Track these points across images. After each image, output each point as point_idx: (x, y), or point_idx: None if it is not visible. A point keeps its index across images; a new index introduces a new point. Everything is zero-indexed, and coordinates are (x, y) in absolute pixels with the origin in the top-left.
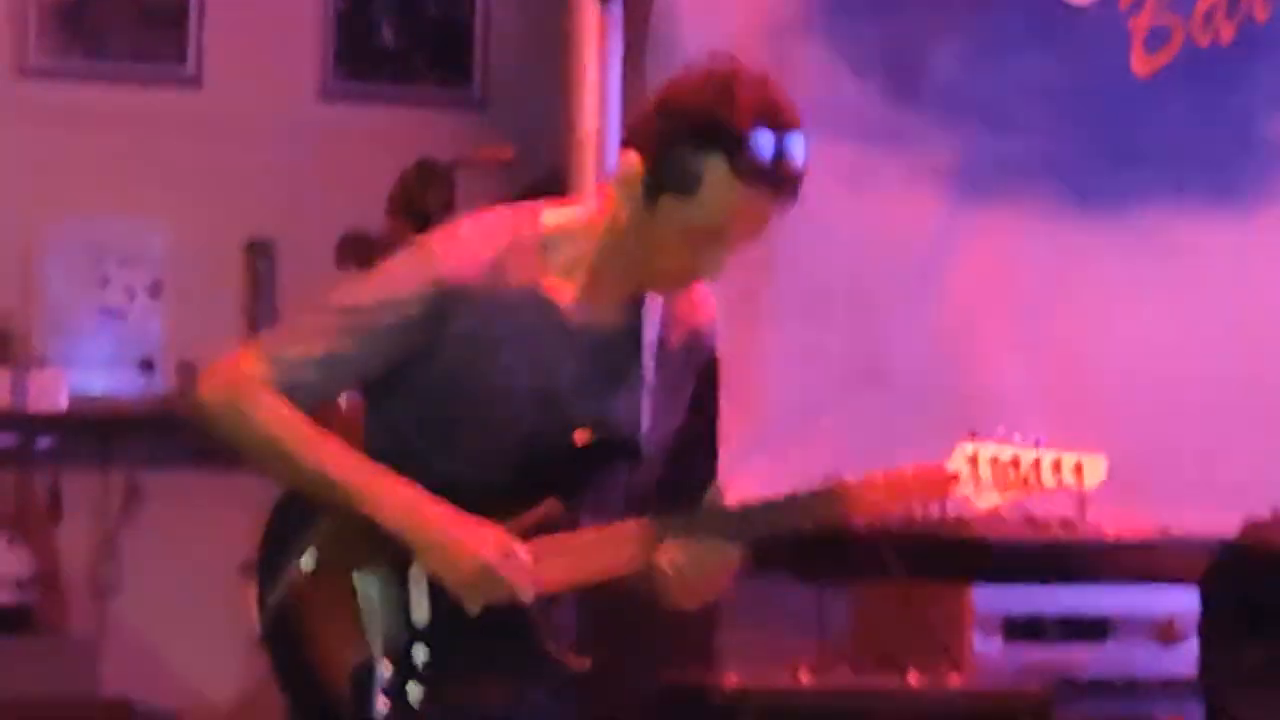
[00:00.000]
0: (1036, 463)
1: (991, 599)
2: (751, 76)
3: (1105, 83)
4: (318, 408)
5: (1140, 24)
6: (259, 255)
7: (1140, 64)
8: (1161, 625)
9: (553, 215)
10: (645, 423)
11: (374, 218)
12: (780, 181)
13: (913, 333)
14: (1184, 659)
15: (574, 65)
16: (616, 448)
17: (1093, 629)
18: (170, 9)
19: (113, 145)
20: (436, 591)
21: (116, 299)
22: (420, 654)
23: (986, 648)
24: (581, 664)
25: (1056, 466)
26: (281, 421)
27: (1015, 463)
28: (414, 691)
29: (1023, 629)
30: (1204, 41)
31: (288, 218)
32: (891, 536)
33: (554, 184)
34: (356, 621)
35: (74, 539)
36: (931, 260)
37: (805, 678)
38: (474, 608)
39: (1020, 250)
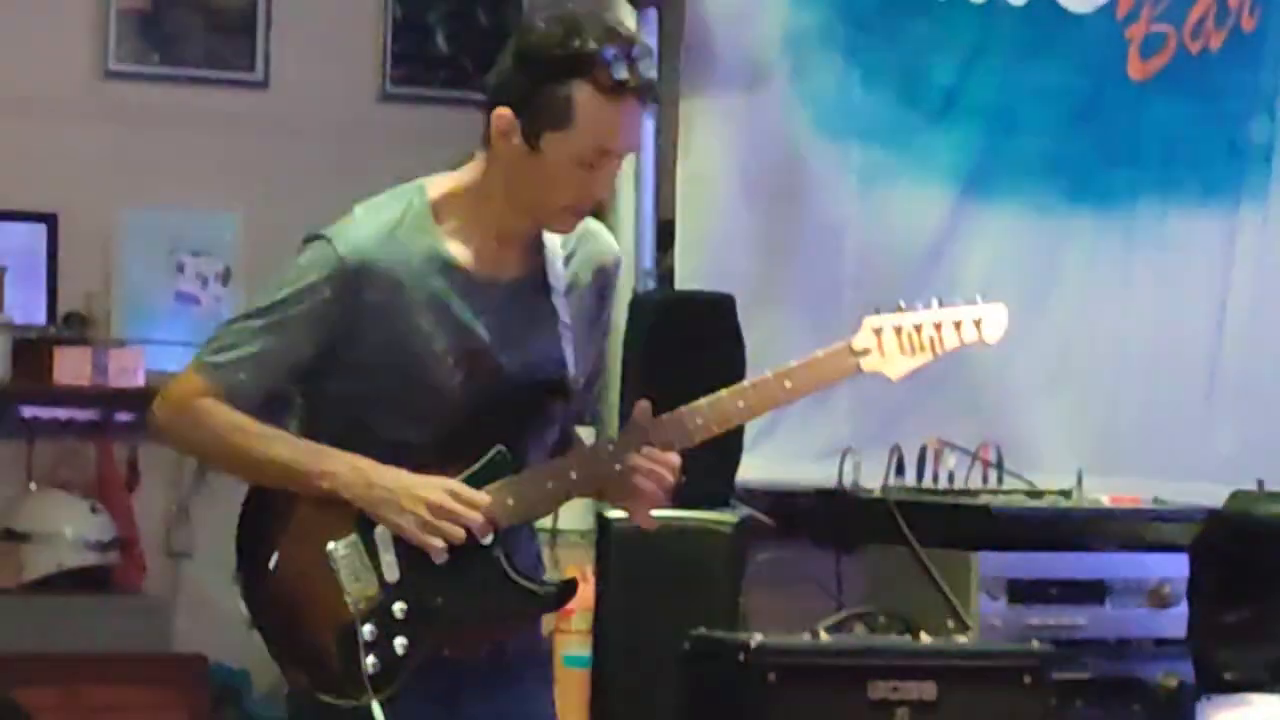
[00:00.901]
0: (938, 325)
1: (996, 564)
2: (587, 12)
3: (1102, 87)
4: (260, 404)
5: (1136, 32)
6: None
7: (1136, 69)
8: (1154, 589)
9: (434, 186)
10: (569, 359)
11: None
12: (640, 88)
13: None
14: (1175, 621)
15: None
16: (547, 388)
17: (1090, 592)
18: (240, 18)
19: (187, 142)
20: (403, 549)
21: (190, 285)
22: (399, 609)
23: (991, 609)
24: (550, 591)
25: (958, 325)
26: (228, 425)
27: (918, 329)
28: (399, 644)
29: (1025, 592)
30: (1195, 48)
31: (348, 209)
32: (905, 507)
33: None
34: (336, 590)
35: (150, 506)
36: (936, 253)
37: (824, 636)
38: (439, 554)
39: (1020, 244)
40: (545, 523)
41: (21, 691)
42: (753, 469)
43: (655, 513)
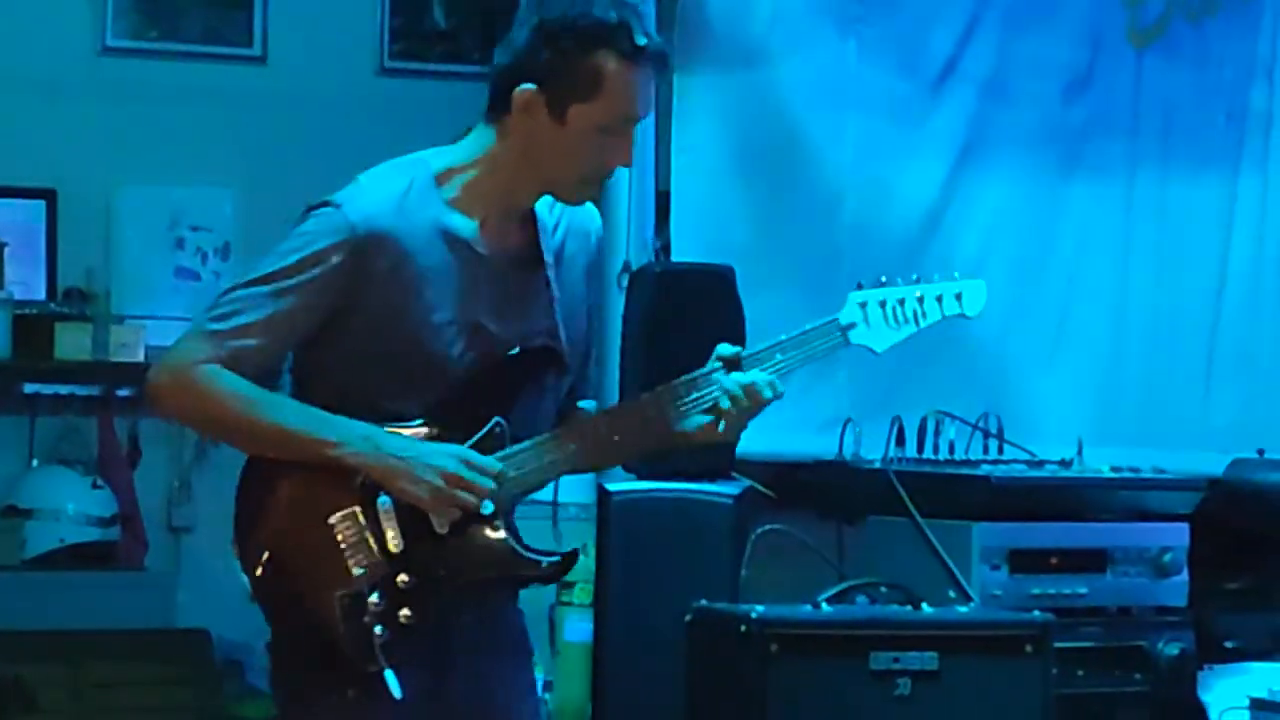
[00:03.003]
0: (921, 299)
1: (997, 534)
2: None
3: (1101, 55)
4: (264, 371)
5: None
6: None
7: (1134, 38)
8: (1155, 558)
9: (439, 158)
10: (562, 330)
11: None
12: (658, 54)
13: None
14: (1176, 589)
15: None
16: (543, 360)
17: (1091, 562)
18: None
19: (186, 118)
20: (405, 519)
21: (189, 260)
22: (403, 579)
23: (992, 579)
24: (553, 560)
25: (939, 299)
26: (232, 393)
27: (901, 303)
28: (403, 614)
29: (1026, 562)
30: (1194, 16)
31: (347, 183)
32: (906, 478)
33: None
34: (339, 561)
35: (151, 481)
36: (933, 224)
37: (825, 608)
38: (443, 524)
39: (1018, 214)
40: (546, 495)
41: (24, 668)
42: (753, 441)
43: (654, 484)
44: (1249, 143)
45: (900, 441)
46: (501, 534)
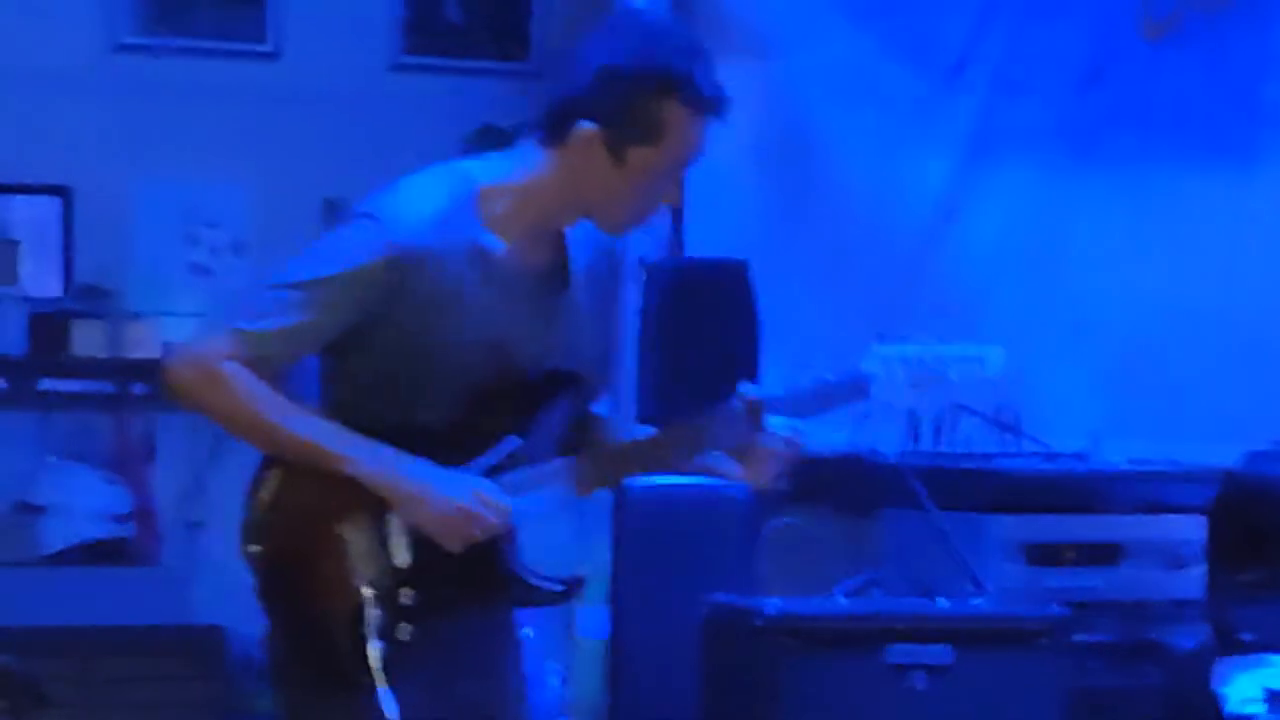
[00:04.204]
0: (941, 359)
1: (1012, 528)
2: (660, 21)
3: (1114, 48)
4: (284, 375)
5: None
6: (335, 214)
7: (1147, 30)
8: (1171, 551)
9: (481, 173)
10: (584, 349)
11: None
12: (722, 103)
13: (927, 284)
14: (1192, 582)
15: None
16: (563, 379)
17: (1106, 555)
18: None
19: (199, 114)
20: (414, 535)
21: (204, 256)
22: (407, 595)
23: (1008, 572)
24: (556, 588)
25: (961, 361)
26: (255, 394)
27: (924, 363)
28: (404, 630)
29: (1042, 555)
30: (1207, 8)
31: (361, 179)
32: (921, 471)
33: None
34: (345, 571)
35: (167, 477)
36: (947, 218)
37: (841, 601)
38: (454, 549)
39: (1031, 205)
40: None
41: (39, 663)
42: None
43: (671, 480)
44: (1263, 135)
45: (916, 435)
46: (508, 562)
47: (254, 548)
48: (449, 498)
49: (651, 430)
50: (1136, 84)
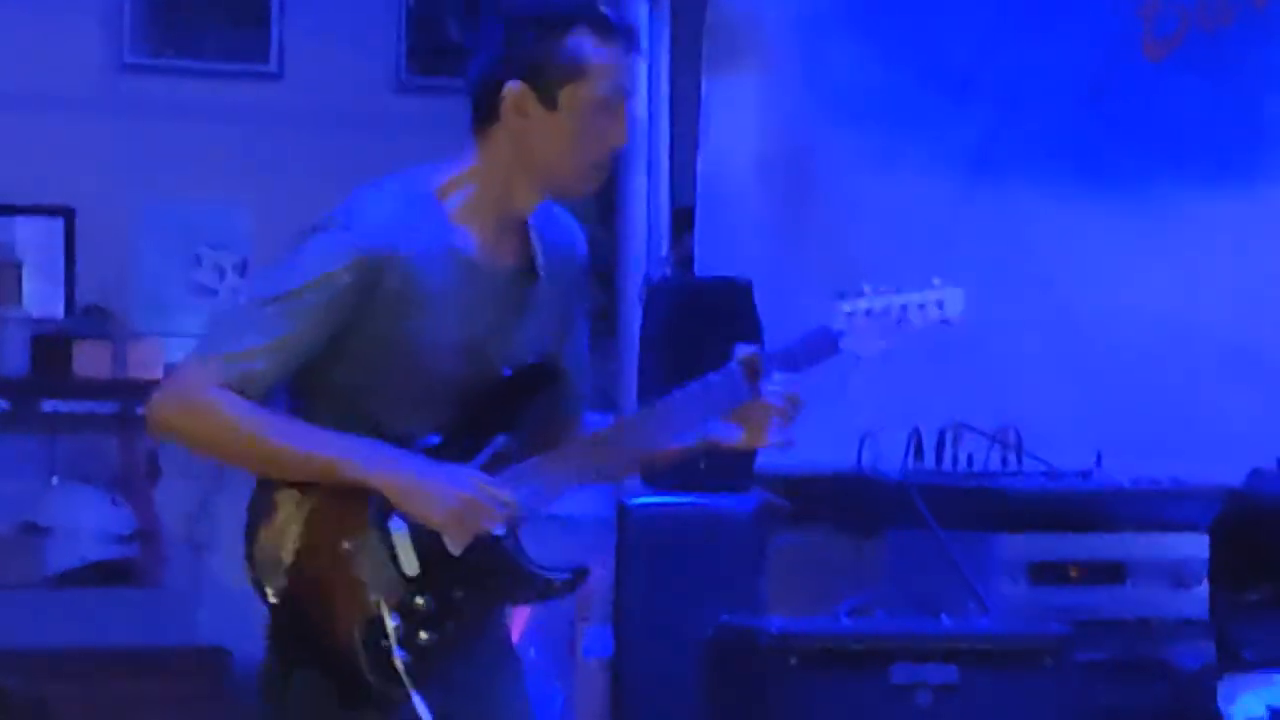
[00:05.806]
0: (904, 307)
1: (1016, 546)
2: None
3: (1117, 66)
4: (270, 394)
5: (1149, 10)
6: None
7: (1149, 48)
8: (1174, 569)
9: (432, 171)
10: (555, 345)
11: None
12: (628, 29)
13: None
14: (1196, 600)
15: None
16: (542, 376)
17: (1110, 573)
18: (254, 10)
19: (203, 135)
20: (419, 542)
21: (207, 276)
22: (421, 601)
23: (1011, 591)
24: (565, 577)
25: (922, 307)
26: (241, 416)
27: (886, 311)
28: (424, 636)
29: (1045, 574)
30: (1209, 26)
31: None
32: (924, 490)
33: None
34: (357, 587)
35: (171, 498)
36: (950, 235)
37: (845, 621)
38: (456, 546)
39: (1034, 223)
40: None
41: (44, 685)
42: (771, 453)
43: (673, 497)
44: (1265, 153)
45: (919, 454)
46: (513, 553)
47: (267, 588)
48: (454, 490)
49: (648, 405)
50: (1140, 103)
